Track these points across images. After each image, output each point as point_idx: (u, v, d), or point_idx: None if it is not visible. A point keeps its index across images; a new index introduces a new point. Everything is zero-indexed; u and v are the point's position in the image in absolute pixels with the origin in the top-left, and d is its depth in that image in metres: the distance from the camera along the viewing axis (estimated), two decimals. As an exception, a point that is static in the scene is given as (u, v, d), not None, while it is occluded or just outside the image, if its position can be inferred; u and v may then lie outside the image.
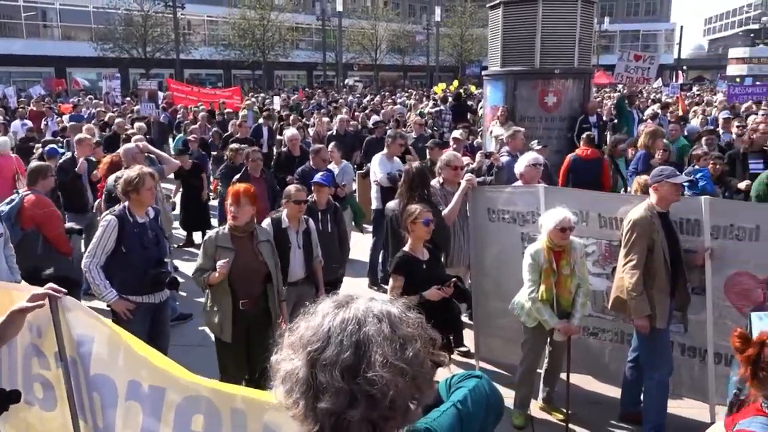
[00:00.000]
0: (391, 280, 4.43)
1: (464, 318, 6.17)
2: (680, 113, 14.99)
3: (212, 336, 6.50)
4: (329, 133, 12.32)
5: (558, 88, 10.87)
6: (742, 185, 7.47)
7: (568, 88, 10.97)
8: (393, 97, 28.53)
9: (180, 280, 8.01)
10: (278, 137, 13.01)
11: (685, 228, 4.57)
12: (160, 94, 22.44)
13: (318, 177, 5.89)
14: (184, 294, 7.66)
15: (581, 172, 8.40)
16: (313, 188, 5.75)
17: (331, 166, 8.07)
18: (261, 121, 14.39)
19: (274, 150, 11.68)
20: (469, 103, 19.27)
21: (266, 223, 5.10)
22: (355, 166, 10.67)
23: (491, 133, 10.97)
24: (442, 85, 31.21)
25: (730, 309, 4.47)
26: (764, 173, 6.84)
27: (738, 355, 2.17)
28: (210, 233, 4.65)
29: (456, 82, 30.59)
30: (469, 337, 5.85)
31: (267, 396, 2.11)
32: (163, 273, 4.57)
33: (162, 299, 4.78)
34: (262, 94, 30.92)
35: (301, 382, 1.20)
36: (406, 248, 4.48)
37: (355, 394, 1.15)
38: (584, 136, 8.97)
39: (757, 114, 14.61)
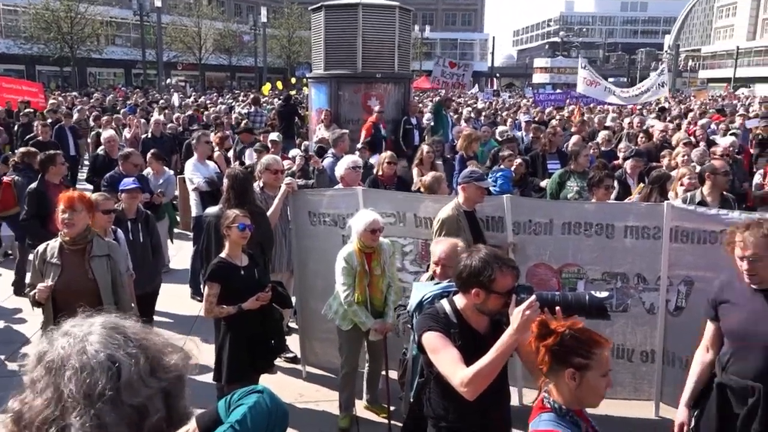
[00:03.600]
0: (206, 288, 4.23)
1: (292, 324, 6.10)
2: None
3: (9, 364, 5.82)
4: (144, 136, 11.58)
5: (380, 92, 11.20)
6: (543, 184, 8.21)
7: (390, 92, 11.35)
8: (219, 98, 27.63)
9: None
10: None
11: (490, 225, 4.91)
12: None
13: (125, 184, 5.47)
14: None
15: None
16: (120, 196, 5.32)
17: (152, 177, 7.58)
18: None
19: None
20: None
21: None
22: (178, 171, 10.13)
23: (316, 136, 11.02)
24: (269, 86, 30.72)
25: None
26: (557, 173, 7.57)
27: (537, 343, 2.14)
28: (40, 246, 4.11)
29: (279, 83, 30.14)
30: (295, 342, 5.78)
31: None
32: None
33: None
34: (74, 93, 28.29)
35: None
36: (222, 254, 4.31)
37: None
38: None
39: (555, 118, 16.13)
